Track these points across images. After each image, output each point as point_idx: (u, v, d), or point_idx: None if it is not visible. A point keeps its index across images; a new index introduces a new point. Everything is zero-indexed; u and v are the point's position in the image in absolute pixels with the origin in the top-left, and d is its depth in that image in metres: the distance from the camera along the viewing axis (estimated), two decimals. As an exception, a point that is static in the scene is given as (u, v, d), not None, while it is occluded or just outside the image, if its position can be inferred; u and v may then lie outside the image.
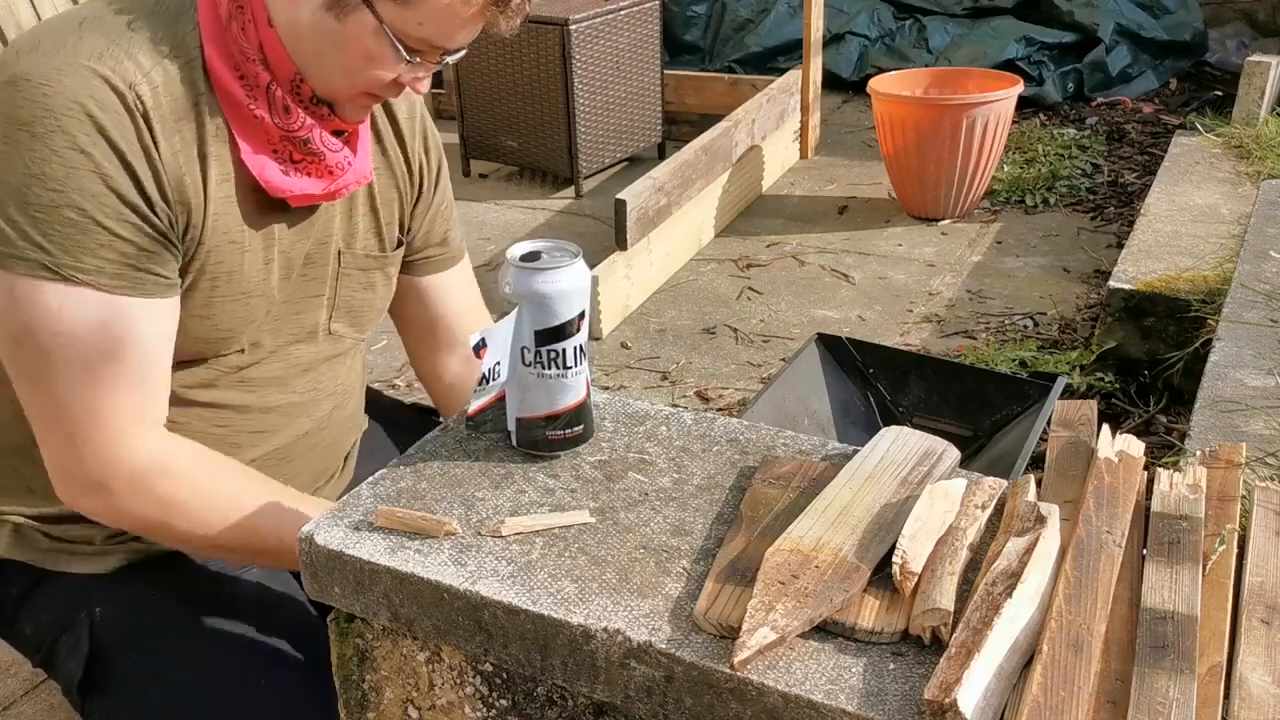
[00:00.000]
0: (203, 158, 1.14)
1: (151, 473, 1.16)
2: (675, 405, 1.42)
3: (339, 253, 1.31)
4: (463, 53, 1.19)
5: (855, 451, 1.08)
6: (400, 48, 1.12)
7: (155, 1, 1.15)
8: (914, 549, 0.90)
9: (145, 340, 1.15)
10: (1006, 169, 4.14)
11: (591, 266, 2.47)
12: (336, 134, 1.22)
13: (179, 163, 1.12)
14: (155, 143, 1.10)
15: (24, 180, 1.07)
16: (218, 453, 1.22)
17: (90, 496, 1.18)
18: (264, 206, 1.21)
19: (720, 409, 2.74)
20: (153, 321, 1.15)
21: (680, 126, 4.57)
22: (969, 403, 2.23)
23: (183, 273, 1.17)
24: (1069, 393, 2.45)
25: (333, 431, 1.41)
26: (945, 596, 0.86)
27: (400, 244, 1.39)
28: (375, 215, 1.34)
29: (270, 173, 1.18)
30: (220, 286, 1.20)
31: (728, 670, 0.82)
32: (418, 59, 1.14)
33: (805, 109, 4.37)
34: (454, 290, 1.49)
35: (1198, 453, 1.07)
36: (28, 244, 1.08)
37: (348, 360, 1.42)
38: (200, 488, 1.18)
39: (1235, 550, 0.94)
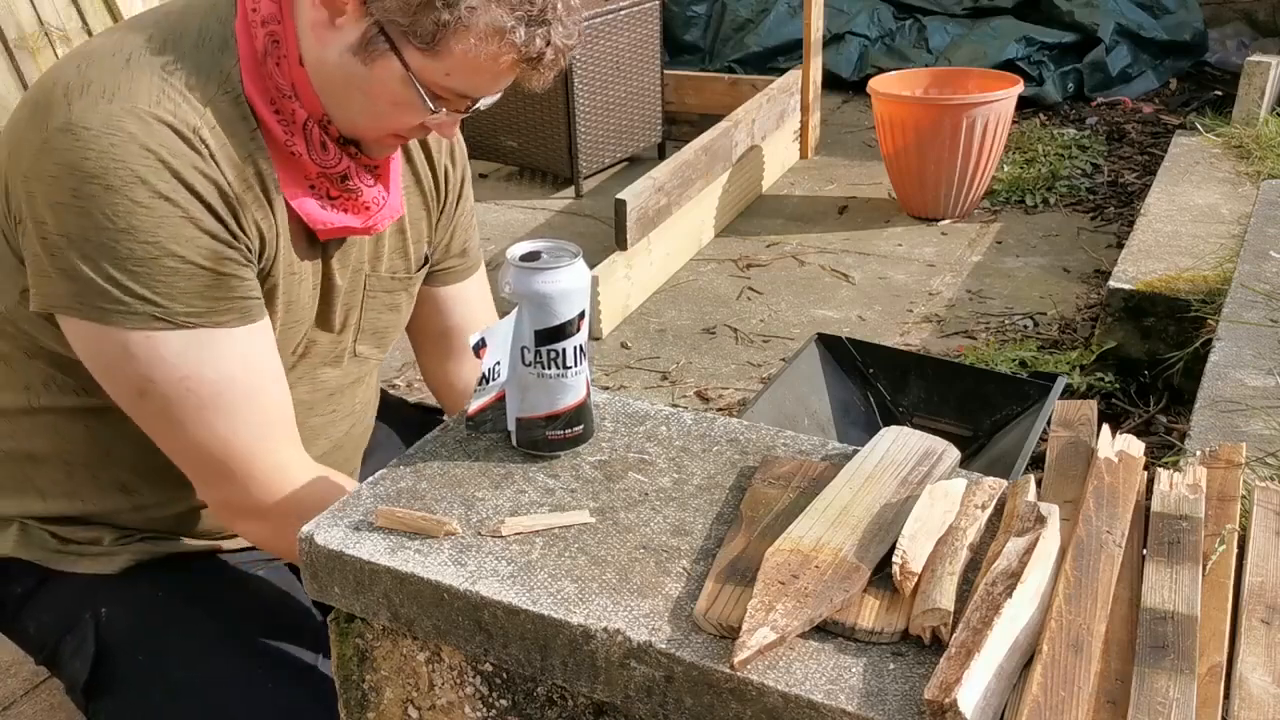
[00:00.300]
0: (264, 191, 1.14)
1: (311, 501, 1.16)
2: (675, 405, 1.42)
3: (365, 277, 1.31)
4: (495, 98, 1.17)
5: (855, 451, 1.08)
6: (426, 97, 1.11)
7: (198, 32, 1.13)
8: (914, 549, 0.90)
9: (265, 361, 1.16)
10: (1006, 169, 4.14)
11: (591, 266, 2.47)
12: (367, 169, 1.21)
13: (247, 200, 1.12)
14: (227, 180, 1.10)
15: (112, 236, 1.05)
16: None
17: (252, 522, 1.21)
18: (312, 236, 1.21)
19: (720, 409, 2.74)
20: (266, 341, 1.16)
21: (680, 126, 4.57)
22: (969, 403, 2.23)
23: None
24: (1069, 393, 2.45)
25: (347, 450, 1.42)
26: (945, 596, 0.86)
27: (426, 261, 1.39)
28: (403, 236, 1.33)
29: (309, 206, 1.18)
30: (280, 315, 1.20)
31: (728, 670, 0.82)
32: (444, 109, 1.13)
33: (805, 109, 4.37)
34: (470, 300, 1.49)
35: (1198, 453, 1.07)
36: (133, 298, 1.07)
37: (367, 380, 1.42)
38: None
39: (1235, 550, 0.94)
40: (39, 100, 1.10)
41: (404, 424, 1.59)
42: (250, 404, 1.14)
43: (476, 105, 1.15)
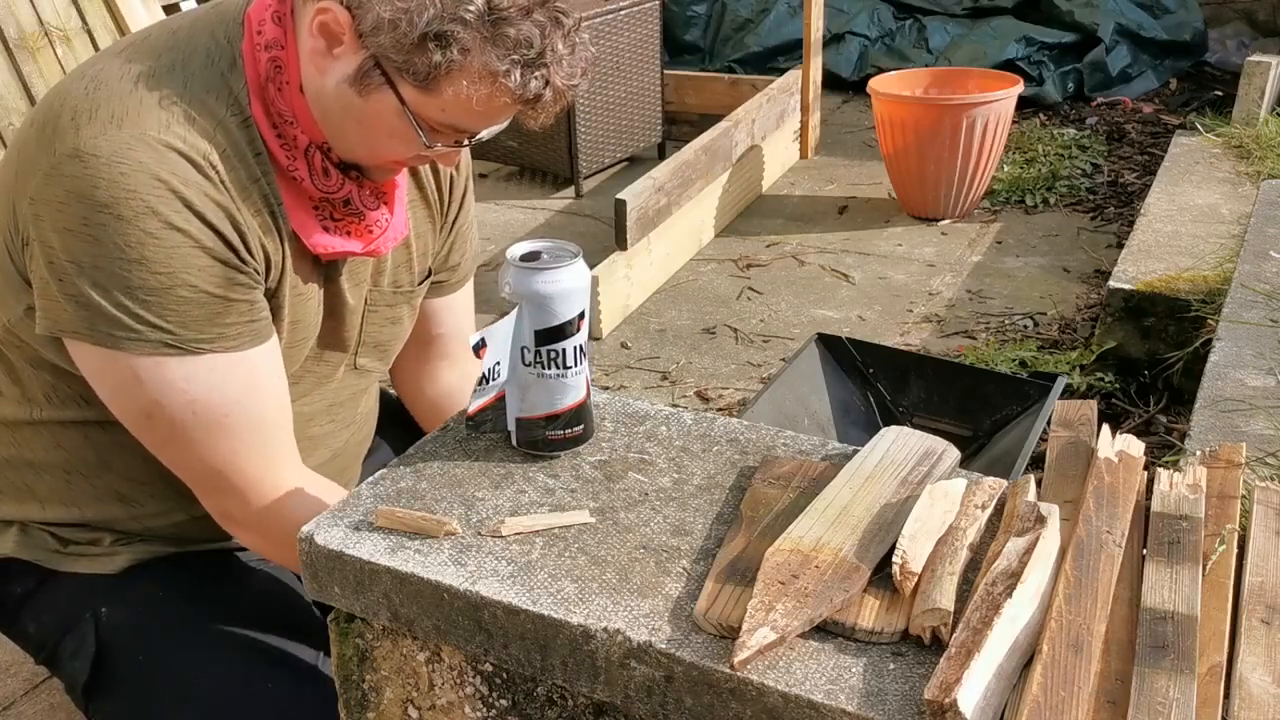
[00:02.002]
0: (271, 214, 1.14)
1: (310, 515, 1.16)
2: (675, 405, 1.41)
3: (367, 291, 1.30)
4: (499, 128, 1.16)
5: (855, 451, 1.08)
6: (421, 131, 1.10)
7: (206, 52, 1.12)
8: (914, 549, 0.90)
9: (271, 381, 1.16)
10: (1006, 169, 4.13)
11: (591, 266, 2.47)
12: (371, 191, 1.21)
13: (254, 224, 1.12)
14: (236, 205, 1.10)
15: (123, 266, 1.05)
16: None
17: (253, 533, 1.22)
18: (318, 257, 1.21)
19: (720, 409, 2.73)
20: (273, 361, 1.16)
21: (680, 126, 4.57)
22: (969, 403, 2.23)
23: None
24: (1069, 393, 2.45)
25: (345, 459, 1.42)
26: (945, 596, 0.86)
27: (429, 274, 1.39)
28: (408, 250, 1.33)
29: (312, 230, 1.17)
30: (285, 335, 1.20)
31: (728, 670, 0.82)
32: (439, 143, 1.13)
33: (805, 109, 4.37)
34: (456, 310, 1.48)
35: (1198, 453, 1.07)
36: (145, 326, 1.07)
37: (369, 390, 1.42)
38: None
39: (1235, 550, 0.94)
40: (46, 121, 1.09)
41: (401, 424, 1.59)
42: (254, 425, 1.15)
43: (477, 136, 1.15)
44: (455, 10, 1.02)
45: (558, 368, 1.06)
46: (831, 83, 5.01)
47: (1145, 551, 0.94)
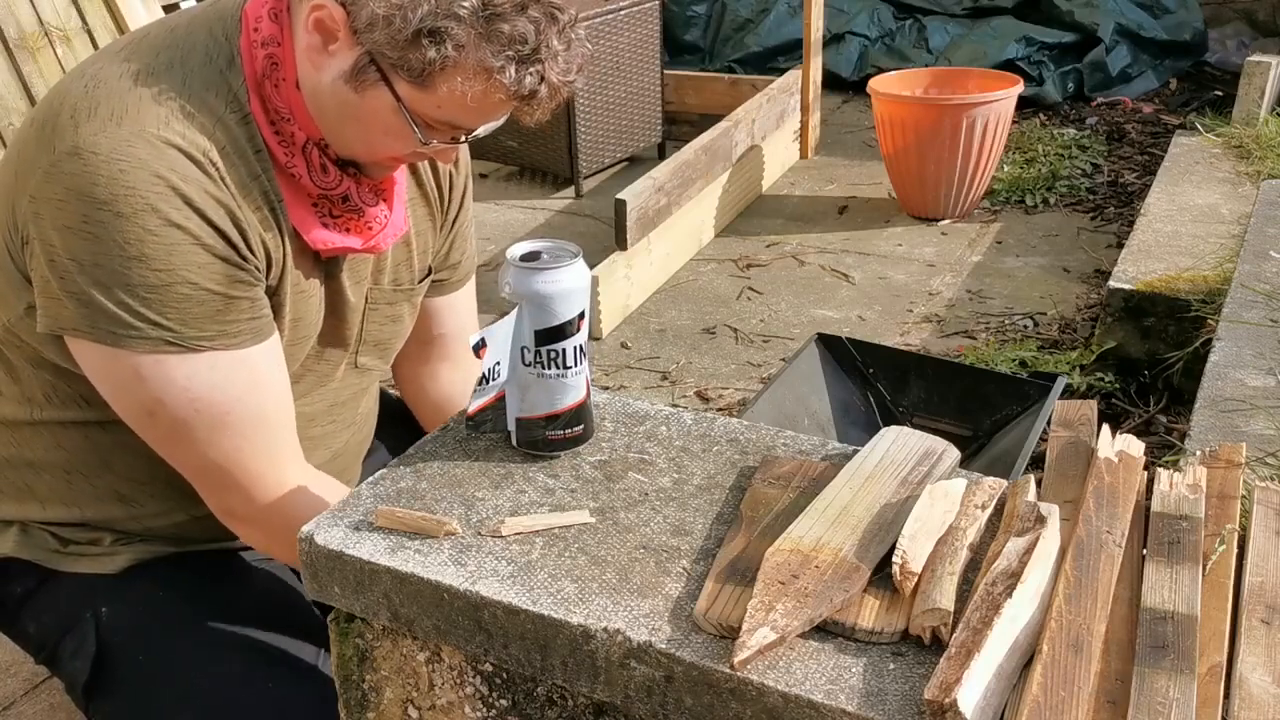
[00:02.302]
0: (272, 210, 1.14)
1: (313, 511, 1.16)
2: (675, 405, 1.41)
3: (368, 289, 1.30)
4: (496, 125, 1.16)
5: (855, 451, 1.08)
6: (417, 128, 1.10)
7: (205, 49, 1.12)
8: (914, 549, 0.90)
9: (273, 379, 1.16)
10: (1006, 169, 4.13)
11: (591, 266, 2.47)
12: (370, 188, 1.20)
13: (254, 220, 1.12)
14: (237, 203, 1.10)
15: (123, 263, 1.05)
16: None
17: (255, 529, 1.22)
18: (318, 254, 1.21)
19: (720, 409, 2.73)
20: (275, 358, 1.16)
21: (680, 126, 4.57)
22: (969, 403, 2.23)
23: None
24: (1069, 393, 2.45)
25: (346, 459, 1.42)
26: (945, 596, 0.86)
27: (429, 273, 1.39)
28: (408, 248, 1.33)
29: (311, 226, 1.17)
30: (287, 333, 1.20)
31: (728, 670, 0.82)
32: (435, 140, 1.12)
33: (805, 109, 4.37)
34: (458, 309, 1.48)
35: (1198, 453, 1.07)
36: (145, 324, 1.07)
37: (369, 390, 1.41)
38: None
39: (1235, 550, 0.94)
40: (45, 120, 1.09)
41: (401, 424, 1.59)
42: (257, 423, 1.15)
43: (474, 133, 1.14)
44: (449, 6, 1.02)
45: (558, 368, 1.06)
46: (831, 83, 5.00)
47: (1145, 551, 0.94)
